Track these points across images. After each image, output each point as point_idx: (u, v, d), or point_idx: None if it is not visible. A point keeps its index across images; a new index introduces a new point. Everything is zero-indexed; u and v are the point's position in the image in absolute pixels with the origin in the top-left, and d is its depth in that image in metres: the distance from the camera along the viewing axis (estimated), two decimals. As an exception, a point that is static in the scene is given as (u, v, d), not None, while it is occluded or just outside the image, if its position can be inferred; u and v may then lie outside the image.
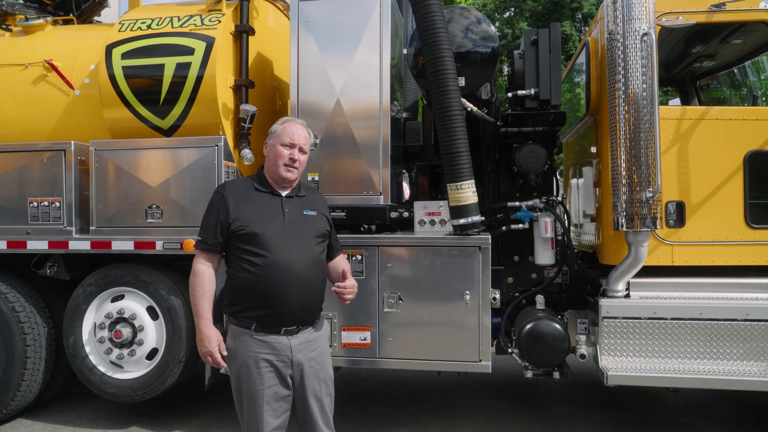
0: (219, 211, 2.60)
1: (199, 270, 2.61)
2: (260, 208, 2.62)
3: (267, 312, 2.54)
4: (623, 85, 3.56)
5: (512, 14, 17.85)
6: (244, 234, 2.55)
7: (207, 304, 2.59)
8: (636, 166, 3.53)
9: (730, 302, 3.69)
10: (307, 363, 2.62)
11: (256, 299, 2.54)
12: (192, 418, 4.56)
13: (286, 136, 2.67)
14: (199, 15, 4.31)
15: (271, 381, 2.55)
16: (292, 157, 2.65)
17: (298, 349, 2.59)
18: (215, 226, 2.60)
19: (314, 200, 2.83)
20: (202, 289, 2.59)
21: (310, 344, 2.65)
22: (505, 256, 4.38)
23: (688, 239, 3.80)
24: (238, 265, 2.58)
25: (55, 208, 4.23)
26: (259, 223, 2.57)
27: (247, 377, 2.55)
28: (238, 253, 2.58)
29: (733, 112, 3.87)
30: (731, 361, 3.64)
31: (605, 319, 3.76)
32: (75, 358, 4.26)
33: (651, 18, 3.52)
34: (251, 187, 2.69)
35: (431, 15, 3.64)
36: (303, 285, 2.57)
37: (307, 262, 2.61)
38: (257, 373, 2.54)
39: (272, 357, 2.55)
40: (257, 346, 2.55)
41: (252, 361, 2.54)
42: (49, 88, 4.60)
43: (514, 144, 4.34)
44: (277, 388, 2.57)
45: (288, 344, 2.57)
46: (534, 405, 4.91)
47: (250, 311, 2.56)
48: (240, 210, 2.59)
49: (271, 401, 2.55)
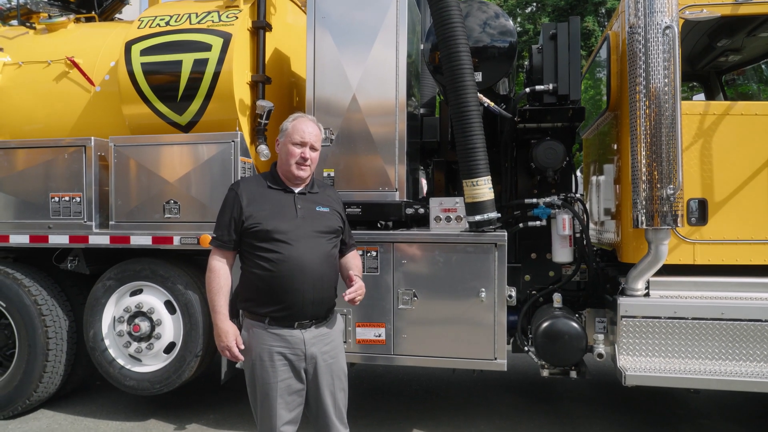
0: (233, 208, 2.63)
1: (214, 266, 2.65)
2: (273, 205, 2.64)
3: (280, 307, 2.57)
4: (644, 80, 3.48)
5: (534, 9, 17.61)
6: (257, 231, 2.58)
7: (223, 300, 2.62)
8: (657, 163, 3.45)
9: (754, 302, 3.60)
10: (320, 357, 2.64)
11: (268, 295, 2.57)
12: (209, 412, 4.61)
13: (297, 135, 2.68)
14: (216, 11, 4.34)
15: (284, 374, 2.58)
16: (304, 155, 2.66)
17: (311, 343, 2.61)
18: (229, 223, 2.63)
19: (327, 196, 2.83)
20: (218, 285, 2.63)
21: (323, 338, 2.67)
22: (523, 253, 4.32)
23: (710, 237, 3.71)
24: (251, 262, 2.61)
25: (75, 203, 4.30)
26: (271, 220, 2.59)
27: (261, 370, 2.58)
28: (252, 249, 2.61)
29: (759, 107, 3.76)
30: (754, 362, 3.55)
31: (624, 318, 3.70)
32: (95, 351, 4.33)
33: (674, 11, 3.44)
34: (264, 184, 2.72)
35: (448, 9, 3.61)
36: (315, 281, 2.59)
37: (319, 258, 2.62)
38: (271, 366, 2.57)
39: (286, 350, 2.57)
40: (271, 339, 2.58)
41: (266, 355, 2.57)
42: (71, 85, 4.67)
43: (531, 140, 4.28)
44: (290, 381, 2.60)
45: (301, 338, 2.59)
46: (550, 404, 4.85)
47: (264, 307, 2.59)
48: (253, 207, 2.61)
49: (285, 394, 2.58)
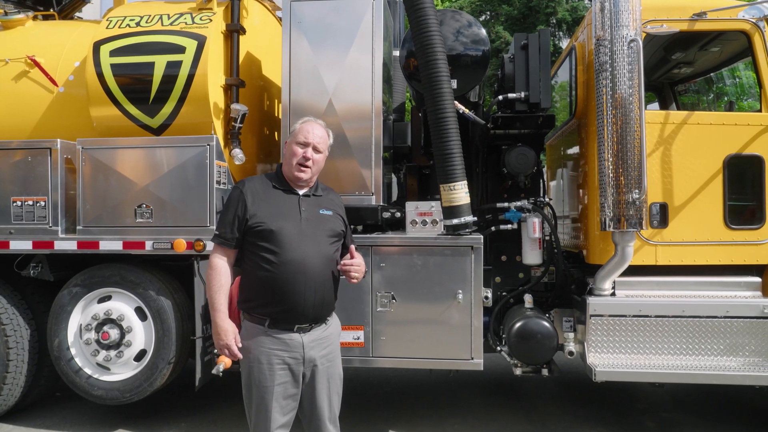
0: (237, 206, 2.63)
1: (215, 264, 2.64)
2: (278, 206, 2.65)
3: (281, 309, 2.57)
4: (611, 90, 3.67)
5: (488, 18, 18.01)
6: (261, 231, 2.58)
7: (223, 298, 2.62)
8: (623, 169, 3.64)
9: (711, 300, 3.84)
10: (318, 360, 2.66)
11: (270, 296, 2.57)
12: (180, 420, 4.51)
13: (301, 135, 2.70)
14: (189, 13, 4.28)
15: (281, 378, 2.58)
16: (305, 155, 2.67)
17: (310, 346, 2.62)
18: (233, 221, 2.62)
19: (330, 200, 2.85)
20: (218, 282, 2.62)
21: (322, 342, 2.68)
22: (493, 256, 4.44)
23: (671, 239, 3.93)
24: (253, 262, 2.61)
25: (39, 208, 4.14)
26: (276, 221, 2.59)
27: (259, 373, 2.58)
28: (254, 249, 2.60)
29: (713, 117, 4.01)
30: (713, 356, 3.79)
31: (593, 317, 3.87)
32: (60, 361, 4.17)
33: (638, 25, 3.64)
34: (269, 184, 2.72)
35: (425, 18, 3.69)
36: (317, 283, 2.60)
37: (321, 261, 2.63)
38: (269, 369, 2.57)
39: (285, 354, 2.58)
40: (271, 342, 2.58)
41: (264, 357, 2.57)
42: (31, 85, 4.50)
43: (502, 146, 4.42)
44: (287, 385, 2.60)
45: (300, 341, 2.60)
46: (521, 402, 5.00)
47: (264, 307, 2.59)
48: (258, 207, 2.62)
49: (280, 398, 2.59)
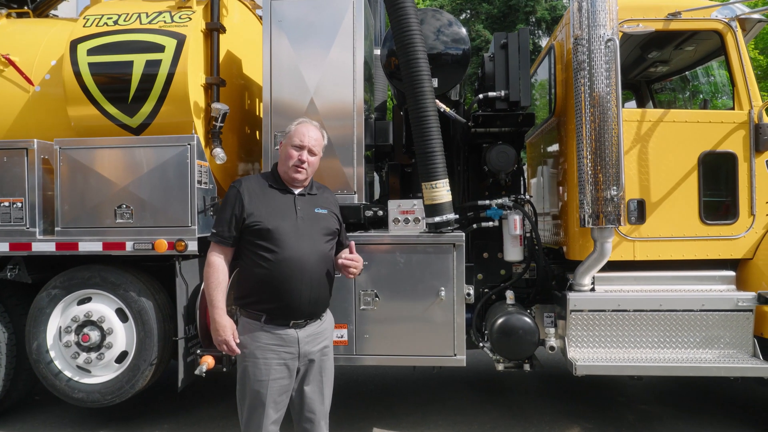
0: (234, 205, 2.67)
1: (213, 261, 2.69)
2: (274, 205, 2.70)
3: (277, 306, 2.62)
4: (589, 88, 3.73)
5: (468, 16, 18.12)
6: (258, 229, 2.63)
7: (221, 295, 2.67)
8: (601, 166, 3.70)
9: (687, 294, 3.93)
10: (314, 355, 2.72)
11: (266, 293, 2.62)
12: (162, 422, 4.48)
13: (297, 138, 2.74)
14: (168, 12, 4.24)
15: (277, 374, 2.63)
16: (301, 158, 2.73)
17: (305, 342, 2.68)
18: (230, 219, 2.67)
19: (325, 199, 2.91)
20: (216, 279, 2.67)
21: (316, 337, 2.74)
22: (475, 253, 4.49)
23: (648, 235, 4.01)
24: (250, 260, 2.65)
25: (16, 209, 4.07)
26: (272, 219, 2.64)
27: (254, 368, 2.62)
28: (251, 247, 2.65)
29: (687, 114, 4.11)
30: (689, 349, 3.88)
31: (573, 312, 3.94)
32: (39, 364, 4.11)
33: (615, 24, 3.70)
34: (265, 183, 2.77)
35: (406, 17, 3.70)
36: (313, 280, 2.66)
37: (317, 259, 2.69)
38: (265, 365, 2.61)
39: (281, 349, 2.63)
40: (266, 338, 2.62)
41: (260, 353, 2.62)
42: (6, 84, 4.42)
43: (483, 144, 4.46)
44: (282, 381, 2.65)
45: (296, 337, 2.66)
46: (503, 397, 5.05)
47: (261, 304, 2.64)
48: (255, 205, 2.66)
49: (275, 394, 2.63)
